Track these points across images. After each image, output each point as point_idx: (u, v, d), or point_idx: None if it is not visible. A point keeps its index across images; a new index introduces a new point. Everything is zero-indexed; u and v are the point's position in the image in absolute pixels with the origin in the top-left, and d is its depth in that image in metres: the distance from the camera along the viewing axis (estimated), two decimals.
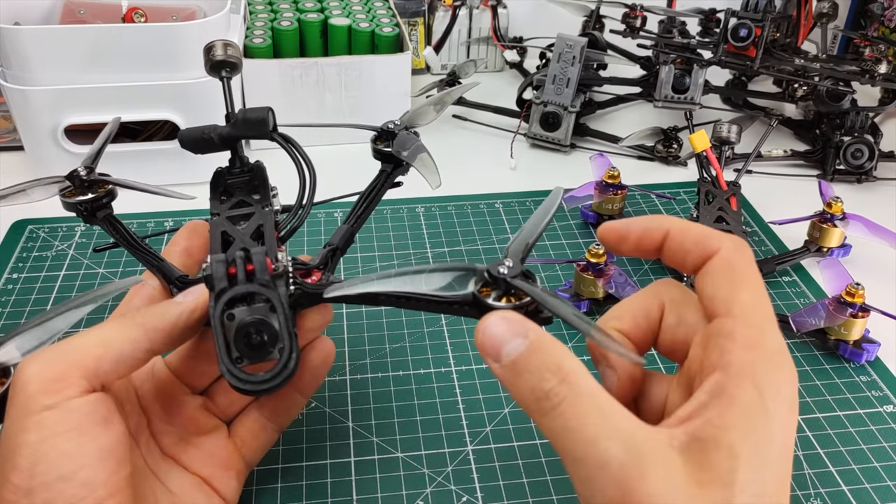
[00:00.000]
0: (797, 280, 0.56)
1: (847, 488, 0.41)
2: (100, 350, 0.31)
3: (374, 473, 0.41)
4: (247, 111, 0.41)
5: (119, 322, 0.33)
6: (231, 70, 0.43)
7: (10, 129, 0.69)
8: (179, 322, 0.33)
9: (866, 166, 0.68)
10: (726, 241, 0.31)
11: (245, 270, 0.33)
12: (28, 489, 0.28)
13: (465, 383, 0.47)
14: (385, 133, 0.47)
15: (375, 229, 0.60)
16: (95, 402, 0.30)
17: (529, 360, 0.28)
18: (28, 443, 0.29)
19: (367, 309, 0.52)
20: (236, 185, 0.42)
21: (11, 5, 0.63)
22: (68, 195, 0.42)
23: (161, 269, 0.40)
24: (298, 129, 0.70)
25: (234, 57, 0.43)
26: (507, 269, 0.32)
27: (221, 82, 0.43)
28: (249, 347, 0.32)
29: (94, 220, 0.43)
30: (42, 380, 0.29)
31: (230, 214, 0.39)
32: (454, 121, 0.78)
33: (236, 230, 0.38)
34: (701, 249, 0.31)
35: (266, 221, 0.38)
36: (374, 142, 0.47)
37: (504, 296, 0.32)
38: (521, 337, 0.29)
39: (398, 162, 0.46)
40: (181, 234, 0.42)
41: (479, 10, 0.85)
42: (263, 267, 0.33)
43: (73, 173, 0.42)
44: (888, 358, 0.49)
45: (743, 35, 0.66)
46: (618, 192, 0.59)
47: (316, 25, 0.70)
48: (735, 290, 0.30)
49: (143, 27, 0.61)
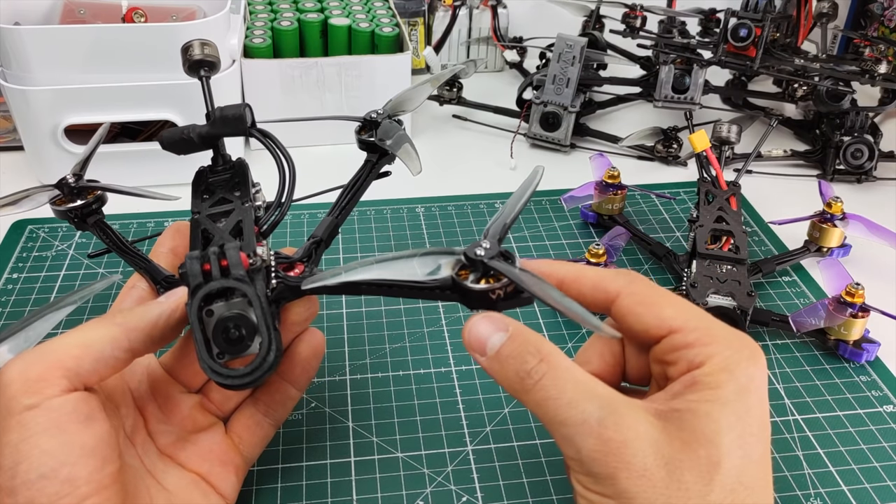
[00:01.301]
0: (797, 280, 0.56)
1: (847, 488, 0.41)
2: (79, 350, 0.31)
3: (374, 473, 0.41)
4: (224, 108, 0.41)
5: (99, 323, 0.33)
6: (209, 69, 0.43)
7: (10, 129, 0.69)
8: (160, 322, 0.33)
9: (866, 166, 0.68)
10: (621, 280, 0.33)
11: (219, 266, 0.33)
12: (10, 489, 0.29)
13: (465, 383, 0.47)
14: (369, 123, 0.47)
15: (375, 229, 0.60)
16: (76, 400, 0.30)
17: (511, 347, 0.31)
18: (9, 443, 0.29)
19: (367, 309, 0.52)
20: (217, 183, 0.42)
21: (11, 5, 0.63)
22: (58, 203, 0.43)
23: (148, 270, 0.40)
24: (296, 129, 0.71)
25: (212, 56, 0.43)
26: (484, 250, 0.32)
27: (200, 81, 0.43)
28: (228, 342, 0.32)
29: (84, 226, 0.44)
30: (24, 380, 0.30)
31: (211, 212, 0.39)
32: (454, 121, 0.78)
33: (217, 227, 0.38)
34: (601, 293, 0.34)
35: (245, 217, 0.38)
36: (358, 132, 0.47)
37: (483, 277, 0.32)
38: (501, 331, 0.31)
39: (383, 151, 0.46)
40: (166, 235, 0.42)
41: (479, 10, 0.85)
42: (238, 262, 0.33)
43: (62, 181, 0.43)
44: (888, 358, 0.49)
45: (743, 35, 0.66)
46: (618, 192, 0.59)
47: (316, 25, 0.70)
48: (659, 312, 0.32)
49: (143, 27, 0.61)
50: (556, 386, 0.30)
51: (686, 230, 0.61)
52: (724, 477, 0.28)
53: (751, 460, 0.29)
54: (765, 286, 0.56)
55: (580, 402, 0.29)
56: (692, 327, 0.31)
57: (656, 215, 0.63)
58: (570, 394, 0.29)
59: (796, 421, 0.45)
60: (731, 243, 0.53)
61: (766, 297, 0.55)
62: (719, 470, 0.28)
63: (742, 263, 0.51)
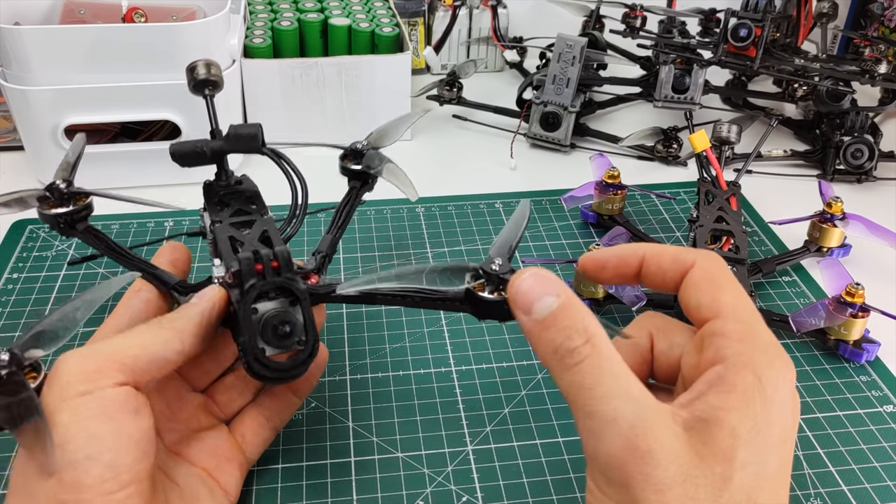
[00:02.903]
0: (797, 280, 0.56)
1: (847, 488, 0.41)
2: (138, 350, 0.33)
3: (374, 473, 0.41)
4: (238, 127, 0.43)
5: (150, 326, 0.34)
6: (213, 88, 0.45)
7: (10, 129, 0.69)
8: (203, 321, 0.35)
9: (866, 166, 0.68)
10: (700, 254, 0.33)
11: (271, 267, 0.36)
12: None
13: (465, 383, 0.47)
14: (353, 152, 0.50)
15: (375, 229, 0.60)
16: (127, 393, 0.31)
17: (559, 317, 0.30)
18: (60, 423, 0.30)
19: (367, 309, 0.52)
20: (231, 196, 0.44)
21: (11, 5, 0.63)
22: (47, 207, 0.43)
23: (157, 276, 0.41)
24: (297, 129, 0.71)
25: (216, 76, 0.45)
26: (499, 266, 0.35)
27: (205, 100, 0.45)
28: (277, 338, 0.35)
29: (73, 232, 0.44)
30: (81, 371, 0.31)
31: (232, 221, 0.41)
32: (454, 121, 0.78)
33: (244, 235, 0.39)
34: (678, 266, 0.33)
35: (270, 227, 0.40)
36: (342, 159, 0.50)
37: (495, 290, 0.35)
38: (553, 295, 0.30)
39: (365, 179, 0.50)
40: (165, 249, 0.43)
41: (479, 10, 0.85)
42: (289, 263, 0.36)
43: (52, 185, 0.43)
44: (888, 358, 0.49)
45: (743, 35, 0.66)
46: (618, 192, 0.59)
47: (316, 25, 0.70)
48: (718, 293, 0.32)
49: (143, 27, 0.61)
50: (594, 375, 0.29)
51: (686, 230, 0.61)
52: (732, 493, 0.28)
53: (764, 474, 0.28)
54: (765, 286, 0.56)
55: (614, 400, 0.28)
56: (738, 318, 0.31)
57: (656, 215, 0.63)
58: (606, 387, 0.29)
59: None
60: (731, 243, 0.53)
61: (766, 297, 0.55)
62: (729, 487, 0.28)
63: (742, 263, 0.51)
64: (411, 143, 0.74)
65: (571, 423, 0.44)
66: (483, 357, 0.49)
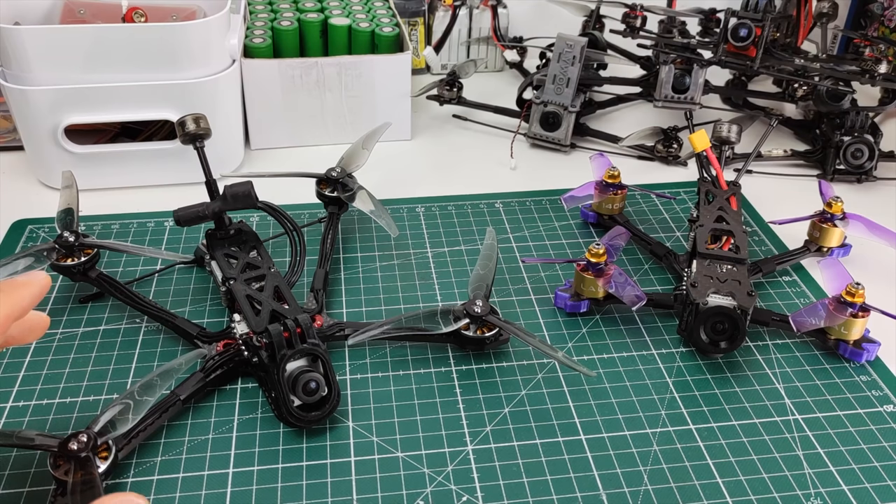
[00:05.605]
0: (797, 280, 0.56)
1: (847, 488, 0.41)
2: None
3: (375, 473, 0.41)
4: (231, 188, 0.49)
5: None
6: (202, 139, 0.50)
7: (10, 129, 0.69)
8: (20, 314, 0.34)
9: (866, 166, 0.68)
10: None
11: (296, 334, 0.43)
12: None
13: (465, 383, 0.47)
14: (329, 180, 0.56)
15: (376, 229, 0.60)
16: None
17: None
18: None
19: (367, 309, 0.52)
20: (233, 243, 0.51)
21: (11, 5, 0.63)
22: (60, 260, 0.49)
23: (176, 326, 0.48)
24: (297, 128, 0.71)
25: (205, 129, 0.49)
26: (481, 308, 0.46)
27: (196, 151, 0.50)
28: (307, 393, 0.42)
29: (86, 278, 0.50)
30: None
31: (245, 278, 0.48)
32: (454, 121, 0.78)
33: (261, 295, 0.46)
34: None
35: (280, 283, 0.47)
36: (318, 185, 0.56)
37: (479, 328, 0.47)
38: None
39: (341, 203, 0.57)
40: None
41: (479, 9, 0.85)
42: (313, 331, 0.44)
43: (60, 240, 0.50)
44: (888, 358, 0.49)
45: (743, 35, 0.66)
46: (618, 191, 0.59)
47: (316, 25, 0.70)
48: None
49: (143, 27, 0.61)
50: None
51: (686, 230, 0.61)
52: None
53: None
54: (765, 286, 0.56)
55: None
56: None
57: (656, 215, 0.63)
58: None
59: (796, 421, 0.45)
60: (732, 243, 0.53)
61: (767, 297, 0.55)
62: None
63: (742, 263, 0.51)
64: (411, 143, 0.74)
65: (571, 423, 0.44)
66: (483, 356, 0.49)
